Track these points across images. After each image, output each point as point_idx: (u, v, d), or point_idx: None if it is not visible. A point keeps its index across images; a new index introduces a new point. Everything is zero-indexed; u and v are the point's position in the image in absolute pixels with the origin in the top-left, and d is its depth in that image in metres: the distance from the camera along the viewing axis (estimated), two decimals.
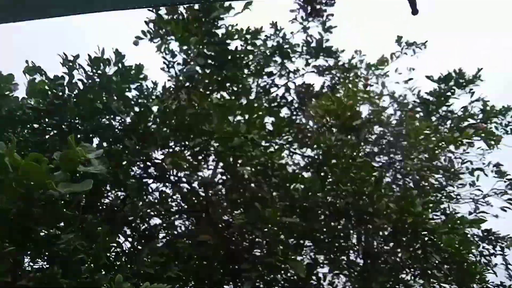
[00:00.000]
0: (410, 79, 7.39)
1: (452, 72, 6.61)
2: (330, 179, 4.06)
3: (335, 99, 4.21)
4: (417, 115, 7.11)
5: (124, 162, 4.31)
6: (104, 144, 4.69)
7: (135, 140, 4.26)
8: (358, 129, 4.22)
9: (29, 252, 2.97)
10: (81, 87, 4.63)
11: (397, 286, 3.51)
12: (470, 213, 5.98)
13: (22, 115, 4.85)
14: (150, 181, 5.87)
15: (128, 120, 4.99)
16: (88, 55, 4.96)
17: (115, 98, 4.63)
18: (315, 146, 4.31)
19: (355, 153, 4.08)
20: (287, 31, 7.50)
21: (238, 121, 3.88)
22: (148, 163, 5.21)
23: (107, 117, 5.03)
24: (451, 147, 7.26)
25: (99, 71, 4.96)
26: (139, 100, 5.23)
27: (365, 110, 8.08)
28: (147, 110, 4.65)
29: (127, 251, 4.33)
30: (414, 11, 1.32)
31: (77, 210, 3.70)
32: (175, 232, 6.00)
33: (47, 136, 4.82)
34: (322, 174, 4.23)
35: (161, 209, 4.13)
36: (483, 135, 5.84)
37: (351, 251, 5.20)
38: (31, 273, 2.66)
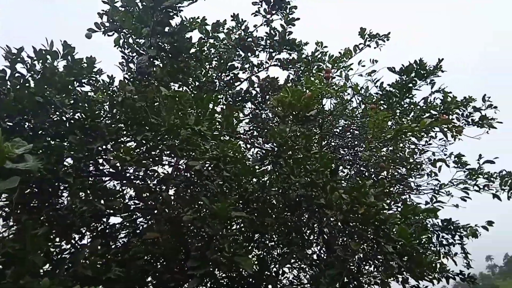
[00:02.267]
0: (373, 71, 7.37)
1: (413, 63, 6.59)
2: (284, 172, 3.95)
3: (290, 90, 4.08)
4: (381, 107, 7.10)
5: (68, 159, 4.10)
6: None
7: (80, 136, 4.03)
8: (313, 120, 4.11)
9: None
10: (22, 80, 4.38)
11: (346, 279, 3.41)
12: (426, 203, 6.00)
13: None
14: (106, 178, 5.67)
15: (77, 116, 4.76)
16: (33, 47, 4.71)
17: (60, 92, 4.39)
18: (272, 139, 4.18)
19: (309, 145, 3.98)
20: (250, 24, 7.40)
21: (187, 113, 3.72)
22: (100, 160, 4.99)
23: (57, 113, 4.79)
24: (414, 139, 7.31)
25: (46, 64, 4.71)
26: (90, 95, 5.01)
27: (329, 103, 8.03)
28: (94, 104, 4.43)
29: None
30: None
31: (11, 210, 3.48)
32: (137, 231, 5.80)
33: None
34: (277, 166, 4.11)
35: (103, 207, 3.90)
36: (443, 126, 5.84)
37: (314, 246, 5.14)
38: None
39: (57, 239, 4.27)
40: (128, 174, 5.24)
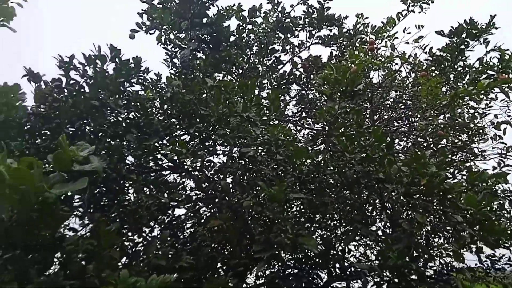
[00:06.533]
0: (421, 37, 7.02)
1: (463, 24, 6.21)
2: (337, 150, 3.89)
3: (335, 66, 4.00)
4: (433, 74, 6.77)
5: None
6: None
7: (136, 134, 4.20)
8: (362, 94, 4.01)
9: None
10: (77, 87, 4.62)
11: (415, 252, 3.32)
12: (494, 168, 5.67)
13: (28, 122, 4.85)
14: (166, 172, 5.87)
15: (131, 116, 4.94)
16: (83, 53, 4.93)
17: (112, 93, 4.58)
18: (321, 118, 4.13)
19: (360, 120, 3.89)
20: (286, 4, 7.29)
21: (233, 101, 3.75)
22: (158, 156, 5.17)
23: (113, 114, 5.00)
24: (473, 103, 6.92)
25: (97, 69, 4.93)
26: (140, 93, 5.19)
27: (377, 76, 7.77)
28: (145, 102, 4.58)
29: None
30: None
31: (84, 209, 3.70)
32: (201, 221, 5.98)
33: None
34: (330, 145, 4.06)
35: (167, 199, 4.05)
36: (503, 86, 5.48)
37: (378, 222, 5.04)
38: (38, 278, 2.64)
39: (129, 234, 4.52)
40: (186, 167, 5.41)
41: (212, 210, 6.09)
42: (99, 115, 4.56)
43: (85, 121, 4.65)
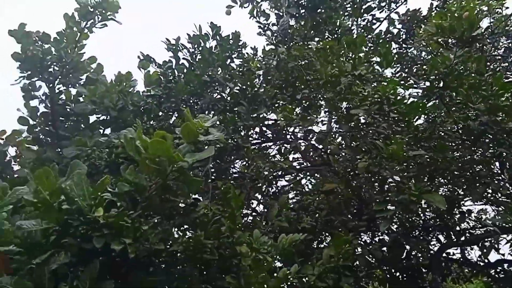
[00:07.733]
0: None
1: None
2: (457, 102, 3.64)
3: (448, 12, 3.72)
4: None
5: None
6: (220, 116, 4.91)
7: (245, 105, 4.36)
8: (481, 39, 3.68)
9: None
10: (187, 65, 4.91)
11: None
12: None
13: (144, 105, 5.26)
14: (269, 144, 6.02)
15: (237, 89, 5.13)
16: (187, 34, 5.21)
17: (219, 69, 4.80)
18: (433, 71, 3.86)
19: (481, 67, 3.58)
20: None
21: (342, 60, 3.68)
22: (264, 128, 5.31)
23: (218, 90, 5.24)
24: None
25: (201, 47, 5.19)
26: (242, 68, 5.34)
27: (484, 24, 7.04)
28: (250, 74, 4.71)
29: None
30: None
31: (207, 178, 3.96)
32: (304, 190, 6.07)
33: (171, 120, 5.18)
34: (446, 99, 3.81)
35: (282, 165, 4.16)
36: None
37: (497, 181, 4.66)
38: (179, 239, 2.92)
39: None
40: (288, 136, 5.50)
41: (317, 179, 6.11)
42: (207, 92, 4.81)
43: (195, 99, 4.95)
